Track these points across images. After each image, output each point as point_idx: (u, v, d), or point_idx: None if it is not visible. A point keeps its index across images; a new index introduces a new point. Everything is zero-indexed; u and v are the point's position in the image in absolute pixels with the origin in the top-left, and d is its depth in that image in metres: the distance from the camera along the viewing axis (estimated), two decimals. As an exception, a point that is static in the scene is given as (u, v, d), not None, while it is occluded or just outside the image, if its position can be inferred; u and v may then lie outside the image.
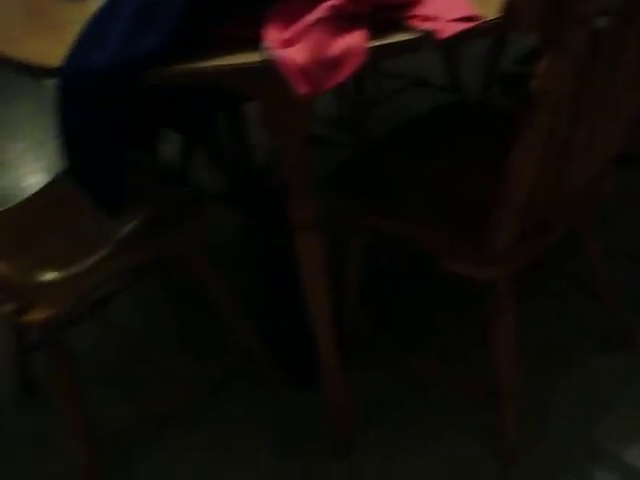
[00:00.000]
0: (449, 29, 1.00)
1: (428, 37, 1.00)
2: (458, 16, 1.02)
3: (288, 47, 0.99)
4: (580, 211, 1.38)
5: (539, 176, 1.16)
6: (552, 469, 1.50)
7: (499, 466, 1.52)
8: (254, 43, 1.03)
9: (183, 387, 1.69)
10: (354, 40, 0.99)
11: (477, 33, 1.02)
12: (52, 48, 1.16)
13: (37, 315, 1.34)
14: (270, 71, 0.99)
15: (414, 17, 1.03)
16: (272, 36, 1.01)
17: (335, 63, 0.98)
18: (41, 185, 1.67)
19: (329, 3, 1.00)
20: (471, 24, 1.01)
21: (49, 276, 1.38)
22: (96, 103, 1.08)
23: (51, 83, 1.13)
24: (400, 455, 1.57)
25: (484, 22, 1.01)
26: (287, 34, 1.01)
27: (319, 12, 1.00)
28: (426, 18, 1.03)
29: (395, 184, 1.46)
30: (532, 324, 1.80)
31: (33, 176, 2.82)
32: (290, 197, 1.23)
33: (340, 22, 1.00)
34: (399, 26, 1.02)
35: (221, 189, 2.19)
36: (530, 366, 1.69)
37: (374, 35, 1.01)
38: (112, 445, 1.64)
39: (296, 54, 0.98)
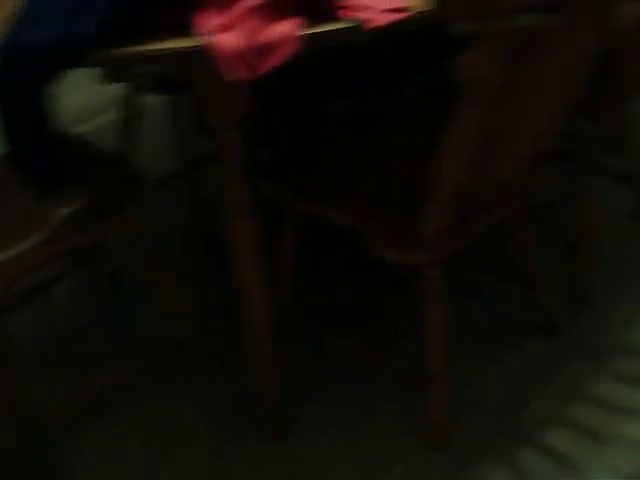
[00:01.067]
0: (380, 19, 1.03)
1: (359, 26, 1.03)
2: (390, 7, 1.05)
3: (223, 32, 1.01)
4: (510, 200, 1.42)
5: (468, 165, 1.19)
6: (479, 453, 1.55)
7: (429, 450, 1.56)
8: (190, 28, 1.04)
9: (118, 371, 1.68)
10: (288, 28, 1.01)
11: (407, 24, 1.05)
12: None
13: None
14: (205, 56, 1.01)
15: (347, 7, 1.06)
16: (207, 21, 1.02)
17: (269, 49, 1.00)
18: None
19: (264, -10, 1.03)
20: (401, 15, 1.04)
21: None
22: (31, 81, 1.09)
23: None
24: (335, 438, 1.60)
25: (414, 13, 1.05)
26: (222, 20, 1.02)
27: (254, -1, 1.02)
28: (358, 8, 1.06)
29: (328, 171, 1.49)
30: (464, 312, 1.85)
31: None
32: (222, 181, 1.24)
33: (275, 10, 1.03)
34: (332, 15, 1.05)
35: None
36: (461, 353, 1.74)
37: (308, 24, 1.03)
38: (47, 429, 1.64)
39: (231, 39, 1.00)
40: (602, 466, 1.50)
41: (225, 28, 1.01)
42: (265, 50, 0.99)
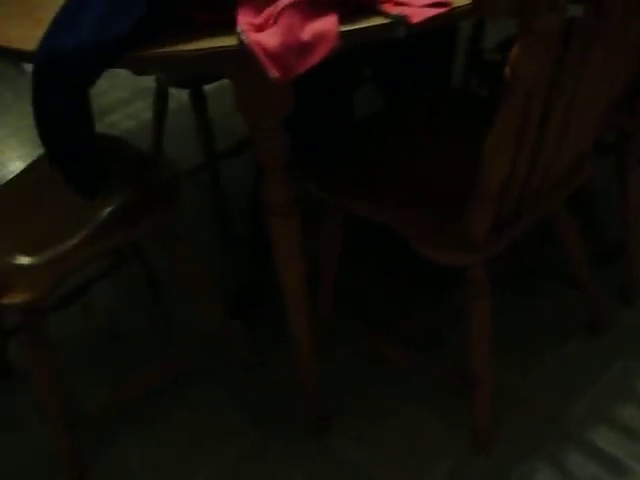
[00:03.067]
0: (420, 14, 1.01)
1: (399, 22, 1.01)
2: (429, 2, 1.03)
3: (260, 32, 1.00)
4: (556, 198, 1.39)
5: (513, 162, 1.17)
6: (525, 454, 1.53)
7: (474, 453, 1.54)
8: (228, 27, 1.03)
9: (160, 370, 1.69)
10: (326, 25, 0.99)
11: (448, 19, 1.03)
12: (29, 32, 1.17)
13: (15, 298, 1.34)
14: (244, 55, 1.00)
15: (385, 2, 1.04)
16: (244, 20, 1.01)
17: (307, 48, 0.98)
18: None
19: (301, -12, 1.01)
20: (441, 9, 1.02)
21: (27, 260, 1.39)
22: (67, 86, 1.09)
23: (31, 70, 1.13)
24: (377, 437, 1.60)
25: (455, 8, 1.03)
26: (259, 19, 1.01)
27: (291, -3, 1.01)
28: (397, 3, 1.04)
29: (372, 169, 1.47)
30: (508, 311, 1.82)
31: (14, 163, 2.82)
32: (265, 182, 1.23)
33: (312, 7, 1.01)
34: (371, 11, 1.03)
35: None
36: (505, 353, 1.72)
37: (346, 20, 1.02)
38: (93, 429, 1.66)
39: (268, 39, 0.98)
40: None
41: (261, 27, 1.00)
42: (302, 49, 0.98)
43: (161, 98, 2.21)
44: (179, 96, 2.41)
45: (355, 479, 1.52)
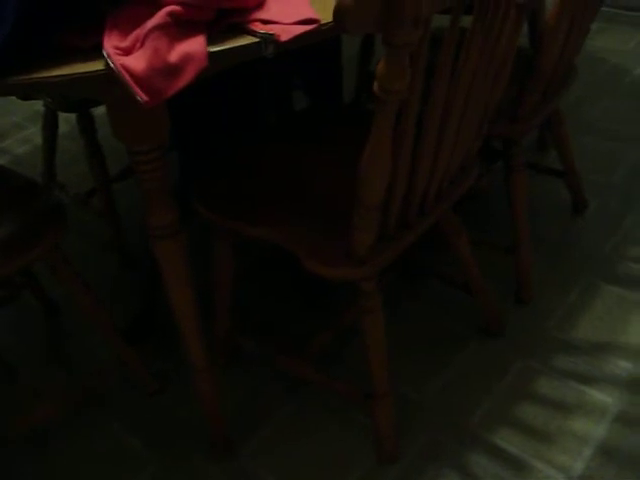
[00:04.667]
0: (288, 32, 1.01)
1: (268, 41, 1.01)
2: (297, 19, 1.04)
3: (127, 55, 0.98)
4: (441, 208, 1.41)
5: (392, 175, 1.17)
6: (429, 462, 1.54)
7: (379, 464, 1.55)
8: (97, 52, 1.01)
9: (60, 402, 1.64)
10: (193, 46, 0.99)
11: (317, 36, 1.04)
12: None
13: None
14: (113, 80, 0.98)
15: (254, 21, 1.04)
16: (110, 44, 0.99)
17: (175, 70, 0.97)
18: None
19: (167, 9, 1.00)
20: (309, 27, 1.02)
21: None
22: None
23: None
24: (284, 455, 1.58)
25: (322, 25, 1.03)
26: (126, 42, 1.00)
27: (157, 19, 0.99)
28: (266, 22, 1.04)
29: (256, 188, 1.46)
30: (401, 321, 1.85)
31: None
32: (146, 205, 1.21)
33: (179, 28, 1.00)
34: (239, 31, 1.03)
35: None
36: (400, 362, 1.74)
37: (215, 40, 1.01)
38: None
39: (134, 62, 0.96)
40: (552, 466, 1.51)
41: (128, 51, 0.98)
42: (170, 71, 0.96)
43: (50, 122, 2.16)
44: (72, 119, 2.35)
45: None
